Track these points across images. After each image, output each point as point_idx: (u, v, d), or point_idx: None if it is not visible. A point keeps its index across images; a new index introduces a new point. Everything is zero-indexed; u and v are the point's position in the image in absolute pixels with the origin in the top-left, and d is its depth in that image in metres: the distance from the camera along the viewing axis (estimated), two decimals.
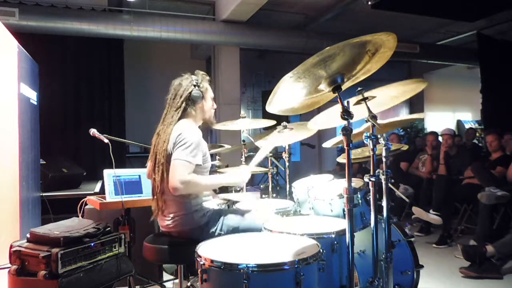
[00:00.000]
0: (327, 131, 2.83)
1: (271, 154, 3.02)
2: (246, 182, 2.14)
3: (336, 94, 1.62)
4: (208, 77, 2.16)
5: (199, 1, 6.18)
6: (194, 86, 2.06)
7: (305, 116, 2.43)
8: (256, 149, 2.49)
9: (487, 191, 3.75)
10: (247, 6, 5.34)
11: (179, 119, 2.03)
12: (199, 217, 2.00)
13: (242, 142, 3.19)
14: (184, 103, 2.03)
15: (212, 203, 2.21)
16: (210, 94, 2.16)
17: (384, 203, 1.97)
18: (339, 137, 2.52)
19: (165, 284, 3.00)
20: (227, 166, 3.45)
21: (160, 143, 1.98)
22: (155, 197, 2.02)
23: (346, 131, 1.53)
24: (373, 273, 1.83)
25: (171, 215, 2.00)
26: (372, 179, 1.80)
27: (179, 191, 1.85)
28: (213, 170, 3.10)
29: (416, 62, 9.04)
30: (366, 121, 1.78)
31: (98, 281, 1.97)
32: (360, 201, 2.02)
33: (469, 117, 10.62)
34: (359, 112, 1.83)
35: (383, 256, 1.95)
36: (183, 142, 1.90)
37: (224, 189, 3.05)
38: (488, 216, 3.73)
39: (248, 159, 2.70)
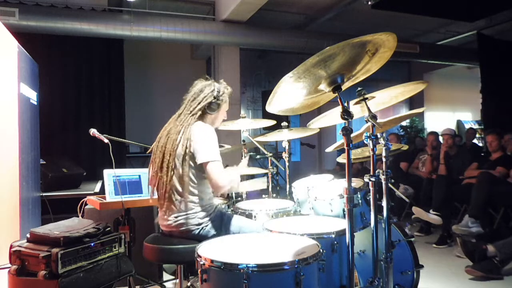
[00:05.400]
0: (327, 131, 2.83)
1: (271, 154, 3.02)
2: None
3: (336, 94, 1.62)
4: (230, 90, 2.19)
5: (199, 1, 6.19)
6: (214, 97, 2.09)
7: (305, 116, 2.43)
8: (256, 149, 2.50)
9: (464, 225, 3.75)
10: (247, 6, 5.34)
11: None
12: (202, 218, 2.00)
13: (242, 142, 3.18)
14: (200, 110, 2.07)
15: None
16: (225, 107, 2.19)
17: (384, 203, 1.96)
18: (340, 142, 2.51)
19: (165, 284, 3.00)
20: (226, 166, 3.44)
21: (171, 143, 1.99)
22: (162, 196, 2.03)
23: (346, 131, 1.53)
24: (373, 273, 1.83)
25: (176, 215, 2.00)
26: (372, 179, 1.80)
27: (225, 189, 1.95)
28: None
29: (416, 62, 9.04)
30: (366, 121, 1.78)
31: (98, 281, 1.96)
32: (360, 201, 2.02)
33: (469, 117, 10.63)
34: (358, 110, 1.83)
35: (383, 256, 1.95)
36: (209, 142, 1.97)
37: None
38: (487, 217, 3.73)
39: (249, 159, 2.71)
